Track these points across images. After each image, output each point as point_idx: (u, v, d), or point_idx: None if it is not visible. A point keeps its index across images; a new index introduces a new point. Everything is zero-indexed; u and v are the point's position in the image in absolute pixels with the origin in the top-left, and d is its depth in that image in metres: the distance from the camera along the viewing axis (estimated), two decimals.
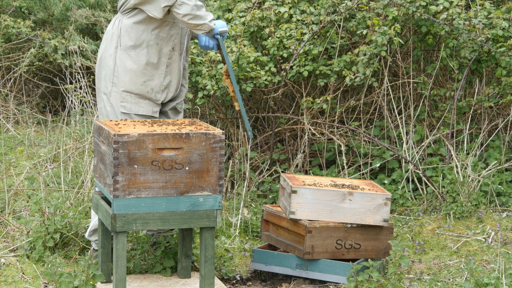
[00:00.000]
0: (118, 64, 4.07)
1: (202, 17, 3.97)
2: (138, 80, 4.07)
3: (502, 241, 4.71)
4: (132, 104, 4.08)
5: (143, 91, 4.08)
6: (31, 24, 7.19)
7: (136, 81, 4.07)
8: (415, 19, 5.48)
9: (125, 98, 4.08)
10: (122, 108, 4.08)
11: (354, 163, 5.71)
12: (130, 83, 4.07)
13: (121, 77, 4.07)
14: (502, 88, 5.50)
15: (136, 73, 4.06)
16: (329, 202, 4.22)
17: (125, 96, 4.07)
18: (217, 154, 3.65)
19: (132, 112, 4.08)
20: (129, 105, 4.08)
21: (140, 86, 4.07)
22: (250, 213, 5.10)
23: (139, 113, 4.09)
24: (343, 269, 4.18)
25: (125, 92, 4.07)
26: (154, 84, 4.09)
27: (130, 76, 4.06)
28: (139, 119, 4.05)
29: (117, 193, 3.54)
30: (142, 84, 4.07)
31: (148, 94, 4.08)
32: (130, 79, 4.06)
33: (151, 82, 4.09)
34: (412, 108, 5.66)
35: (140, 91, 4.08)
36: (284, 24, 5.66)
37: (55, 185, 5.25)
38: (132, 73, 4.06)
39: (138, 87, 4.07)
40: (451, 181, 5.18)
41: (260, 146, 6.01)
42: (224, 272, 4.37)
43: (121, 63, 4.06)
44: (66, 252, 4.35)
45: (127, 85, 4.07)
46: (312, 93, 5.84)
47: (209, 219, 3.69)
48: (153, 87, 4.09)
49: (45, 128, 6.67)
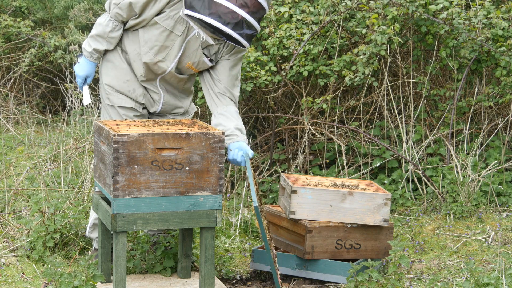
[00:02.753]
0: (108, 59, 4.08)
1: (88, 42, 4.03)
2: (122, 77, 4.05)
3: (502, 241, 4.71)
4: (115, 97, 4.08)
5: (125, 89, 4.06)
6: (31, 23, 7.19)
7: (120, 78, 4.05)
8: (414, 19, 5.48)
9: (108, 91, 4.08)
10: (107, 100, 4.08)
11: (354, 163, 5.71)
12: (113, 78, 4.06)
13: (108, 71, 4.07)
14: (502, 88, 5.50)
15: (122, 70, 4.05)
16: (329, 202, 4.22)
17: (107, 88, 4.08)
18: (217, 154, 3.65)
19: (115, 104, 4.07)
20: (112, 97, 4.07)
21: (122, 84, 4.06)
22: (250, 213, 5.10)
23: (121, 105, 4.07)
24: (343, 269, 4.18)
25: (107, 86, 4.07)
26: (136, 86, 4.08)
27: (115, 72, 4.06)
28: (123, 112, 4.05)
29: (117, 193, 3.54)
30: (125, 82, 4.06)
31: (129, 93, 4.06)
32: (115, 74, 4.06)
33: (134, 83, 4.07)
34: (412, 108, 5.66)
35: (121, 88, 4.06)
36: (284, 24, 5.66)
37: (55, 185, 5.25)
38: (118, 70, 4.05)
39: (120, 84, 4.06)
40: (451, 181, 5.18)
41: (260, 146, 6.01)
42: (224, 272, 4.37)
43: (112, 58, 4.06)
44: (66, 252, 4.35)
45: (110, 79, 4.07)
46: (312, 93, 5.84)
47: (209, 219, 3.69)
48: (135, 88, 4.08)
49: (45, 128, 6.67)
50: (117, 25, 3.96)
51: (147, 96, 4.11)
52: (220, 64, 4.03)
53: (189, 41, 3.95)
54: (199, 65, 4.02)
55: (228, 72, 4.03)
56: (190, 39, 3.94)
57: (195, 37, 3.93)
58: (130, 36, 4.02)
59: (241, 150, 3.89)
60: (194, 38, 3.94)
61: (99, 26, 3.98)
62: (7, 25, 7.06)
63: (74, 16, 7.23)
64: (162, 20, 3.88)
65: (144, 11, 3.89)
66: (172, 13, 3.88)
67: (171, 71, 4.02)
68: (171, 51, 3.96)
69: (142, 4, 3.86)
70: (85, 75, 4.08)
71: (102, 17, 4.00)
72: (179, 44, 3.95)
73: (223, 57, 4.02)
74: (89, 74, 4.08)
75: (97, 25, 4.00)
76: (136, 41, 4.00)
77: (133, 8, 3.88)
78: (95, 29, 4.00)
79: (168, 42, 3.93)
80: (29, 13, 7.75)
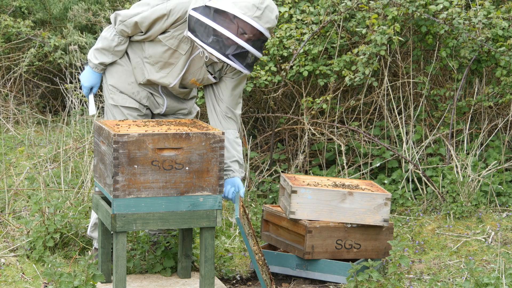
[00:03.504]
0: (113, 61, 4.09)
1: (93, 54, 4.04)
2: (127, 79, 4.06)
3: (502, 241, 4.71)
4: (119, 97, 4.09)
5: (129, 91, 4.07)
6: (31, 24, 7.19)
7: (124, 80, 4.06)
8: (414, 19, 5.48)
9: (112, 91, 4.09)
10: (110, 100, 4.09)
11: (354, 163, 5.71)
12: (118, 80, 4.07)
13: (112, 72, 4.08)
14: (502, 88, 5.50)
15: (127, 72, 4.06)
16: (329, 202, 4.22)
17: (112, 89, 4.09)
18: (217, 154, 3.65)
19: (119, 104, 4.08)
20: (116, 97, 4.08)
21: (127, 86, 4.07)
22: (250, 213, 5.10)
23: (125, 105, 4.07)
24: (343, 269, 4.18)
25: (111, 86, 4.08)
26: (140, 89, 4.08)
27: (120, 74, 4.06)
28: (127, 111, 4.06)
29: (117, 193, 3.54)
30: (130, 84, 4.07)
31: (133, 95, 4.07)
32: (120, 76, 4.06)
33: (138, 85, 4.07)
34: (412, 108, 5.66)
35: (125, 90, 4.07)
36: (284, 24, 5.66)
37: (55, 185, 5.25)
38: (123, 72, 4.06)
39: (125, 86, 4.07)
40: (451, 181, 5.18)
41: (260, 146, 6.00)
42: (224, 272, 4.37)
43: (118, 60, 4.07)
44: (66, 252, 4.35)
45: (115, 80, 4.07)
46: (312, 93, 5.84)
47: (209, 219, 3.69)
48: (139, 90, 4.08)
49: (45, 128, 6.67)
50: (123, 39, 3.99)
51: (151, 99, 4.11)
52: (224, 83, 4.03)
53: (194, 59, 3.95)
54: (203, 81, 4.03)
55: (231, 92, 4.03)
56: (194, 57, 3.95)
57: (199, 56, 3.93)
58: (134, 45, 4.04)
59: (233, 187, 3.96)
60: (198, 56, 3.94)
61: (104, 40, 4.00)
62: (7, 25, 7.06)
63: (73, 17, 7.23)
64: (166, 39, 3.89)
65: (149, 30, 3.90)
66: (176, 33, 3.88)
67: (174, 86, 4.04)
68: (175, 68, 3.97)
69: (148, 24, 3.87)
70: (91, 85, 4.10)
71: (107, 30, 4.01)
72: (184, 62, 3.96)
73: (227, 75, 4.02)
74: (95, 84, 4.10)
75: (102, 38, 4.01)
76: (140, 49, 4.02)
77: (138, 26, 3.90)
78: (101, 42, 4.01)
79: (173, 59, 3.95)
80: (29, 13, 7.75)
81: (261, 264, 3.92)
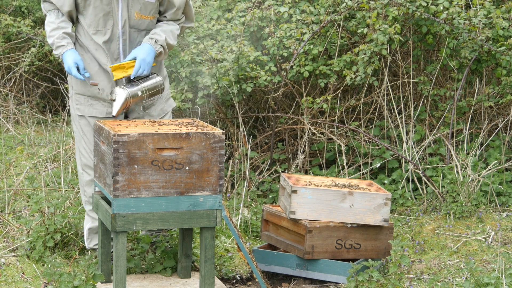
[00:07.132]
0: None
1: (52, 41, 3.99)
2: (90, 69, 4.03)
3: (502, 241, 4.71)
4: (86, 106, 4.07)
5: (94, 92, 4.05)
6: (31, 23, 7.19)
7: (86, 83, 4.04)
8: (415, 19, 5.48)
9: (79, 101, 4.08)
10: (77, 111, 4.09)
11: (354, 163, 5.71)
12: (81, 85, 4.06)
13: (75, 80, 4.06)
14: (502, 88, 5.50)
15: (89, 58, 4.03)
16: (329, 202, 4.22)
17: (79, 98, 4.07)
18: (217, 154, 3.65)
19: (86, 114, 4.07)
20: (82, 107, 4.07)
21: (90, 88, 4.04)
22: (250, 213, 5.10)
23: (92, 115, 4.06)
24: (343, 269, 4.18)
25: (77, 95, 4.07)
26: (103, 85, 4.04)
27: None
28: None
29: (117, 193, 3.54)
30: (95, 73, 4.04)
31: (99, 95, 4.05)
32: (81, 82, 4.04)
33: (101, 82, 4.03)
34: (412, 108, 5.66)
35: (91, 93, 4.05)
36: (284, 24, 5.66)
37: (55, 185, 5.25)
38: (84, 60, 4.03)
39: (88, 89, 4.05)
40: (451, 181, 5.18)
41: (260, 146, 6.00)
42: (224, 272, 4.37)
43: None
44: (66, 252, 4.35)
45: (79, 87, 4.07)
46: (312, 93, 5.84)
47: (209, 219, 3.69)
48: (104, 87, 4.05)
49: (45, 128, 6.67)
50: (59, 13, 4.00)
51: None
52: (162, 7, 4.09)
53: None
54: (146, 10, 4.01)
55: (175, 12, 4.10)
56: None
57: None
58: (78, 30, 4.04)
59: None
60: None
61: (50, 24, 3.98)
62: (7, 24, 7.06)
63: None
64: None
65: None
66: None
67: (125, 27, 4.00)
68: (114, 14, 3.96)
69: None
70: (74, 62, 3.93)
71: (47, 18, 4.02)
72: (116, 2, 3.96)
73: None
74: (76, 60, 3.95)
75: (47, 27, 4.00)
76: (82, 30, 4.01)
77: None
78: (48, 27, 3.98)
79: (107, 8, 3.95)
80: (29, 12, 7.75)
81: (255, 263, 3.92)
